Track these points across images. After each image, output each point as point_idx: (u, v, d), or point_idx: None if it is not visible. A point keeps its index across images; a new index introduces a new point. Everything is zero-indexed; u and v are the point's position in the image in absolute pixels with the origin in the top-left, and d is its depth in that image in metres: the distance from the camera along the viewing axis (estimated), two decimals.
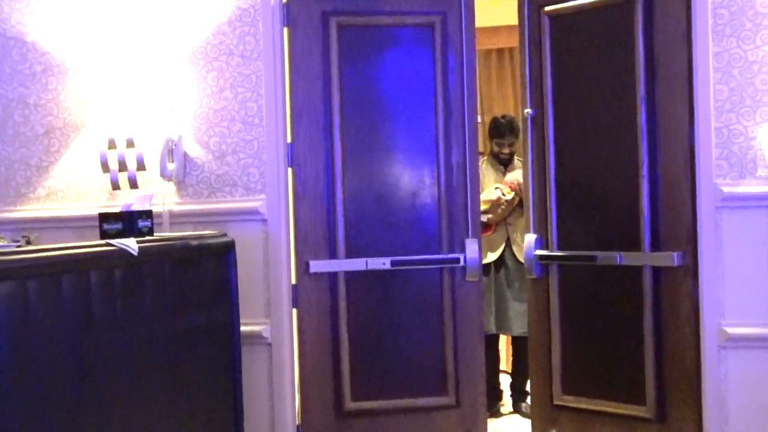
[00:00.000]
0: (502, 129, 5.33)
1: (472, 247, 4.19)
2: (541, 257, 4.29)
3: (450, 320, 4.25)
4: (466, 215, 4.22)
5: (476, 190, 4.26)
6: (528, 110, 4.30)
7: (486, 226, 5.12)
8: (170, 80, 4.19)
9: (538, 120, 4.31)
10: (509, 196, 5.18)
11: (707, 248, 3.83)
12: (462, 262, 4.20)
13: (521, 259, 4.94)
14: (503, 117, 5.40)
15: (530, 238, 4.30)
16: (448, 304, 4.25)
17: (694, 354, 3.90)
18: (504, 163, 5.38)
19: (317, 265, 4.16)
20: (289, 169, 4.17)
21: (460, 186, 4.22)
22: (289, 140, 4.18)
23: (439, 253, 4.22)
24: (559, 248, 4.27)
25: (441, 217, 4.22)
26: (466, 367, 4.25)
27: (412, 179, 4.23)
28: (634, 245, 4.02)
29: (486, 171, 5.34)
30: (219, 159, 4.17)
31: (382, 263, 4.17)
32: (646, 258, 3.99)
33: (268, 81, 4.11)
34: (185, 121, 4.19)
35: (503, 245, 5.24)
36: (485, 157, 5.45)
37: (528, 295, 4.46)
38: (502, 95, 7.89)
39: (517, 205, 5.18)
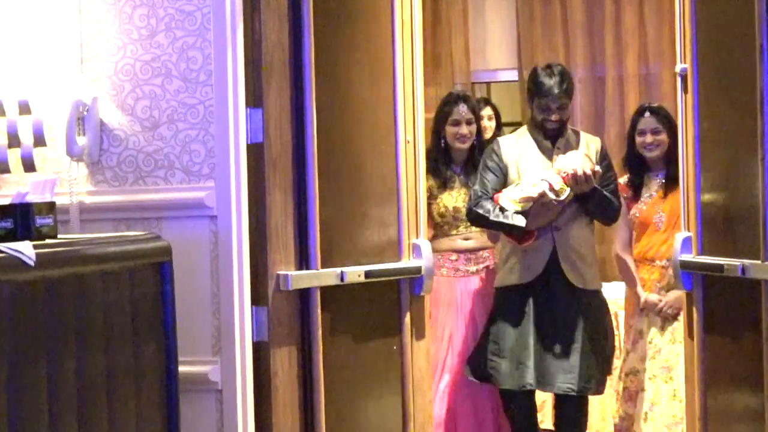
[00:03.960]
0: (548, 85, 5.07)
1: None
2: (686, 264, 4.51)
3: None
4: None
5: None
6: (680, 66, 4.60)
7: (525, 233, 4.90)
8: (80, 19, 4.19)
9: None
10: (564, 194, 4.86)
11: None
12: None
13: (577, 284, 4.97)
14: (548, 67, 5.17)
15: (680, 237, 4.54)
16: None
17: None
18: (552, 138, 5.15)
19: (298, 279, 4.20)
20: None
21: None
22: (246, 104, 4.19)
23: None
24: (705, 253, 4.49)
25: None
26: None
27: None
28: (755, 252, 4.10)
29: (525, 149, 5.14)
30: (149, 131, 4.17)
31: None
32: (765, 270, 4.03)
33: (219, 19, 4.09)
34: (102, 78, 4.20)
35: (545, 261, 5.03)
36: (522, 128, 5.30)
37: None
38: (549, 42, 7.92)
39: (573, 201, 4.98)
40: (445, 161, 5.49)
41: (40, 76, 4.11)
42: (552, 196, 4.83)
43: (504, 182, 5.06)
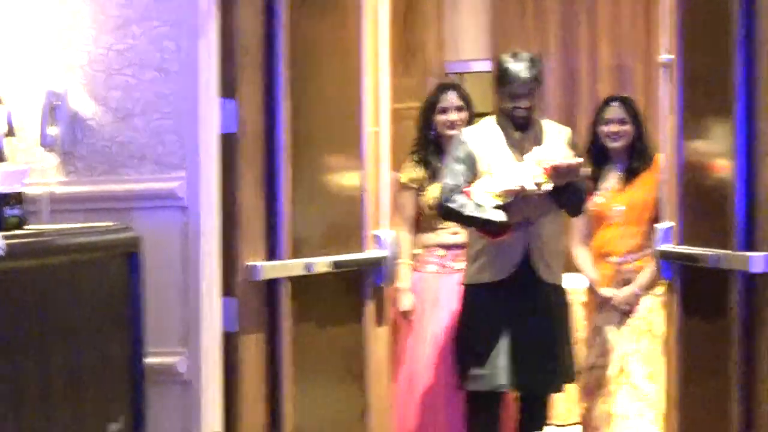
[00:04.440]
0: (515, 70, 4.80)
1: None
2: (665, 254, 4.58)
3: None
4: None
5: None
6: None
7: (499, 228, 4.66)
8: (53, 9, 4.18)
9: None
10: (547, 185, 4.61)
11: None
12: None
13: (549, 280, 4.83)
14: (515, 54, 4.87)
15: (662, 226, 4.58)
16: None
17: None
18: (521, 128, 4.87)
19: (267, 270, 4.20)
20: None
21: None
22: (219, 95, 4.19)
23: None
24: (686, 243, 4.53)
25: None
26: None
27: None
28: (721, 242, 4.17)
29: (494, 140, 4.86)
30: (122, 121, 4.15)
31: None
32: (735, 260, 4.09)
33: (194, 9, 4.07)
34: (74, 68, 4.18)
35: (520, 258, 4.80)
36: (489, 118, 5.00)
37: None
38: (523, 33, 7.93)
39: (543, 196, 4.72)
40: (435, 152, 5.32)
41: (11, 66, 4.10)
42: (534, 188, 4.58)
43: (475, 174, 4.78)
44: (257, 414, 4.24)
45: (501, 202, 4.62)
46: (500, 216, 4.60)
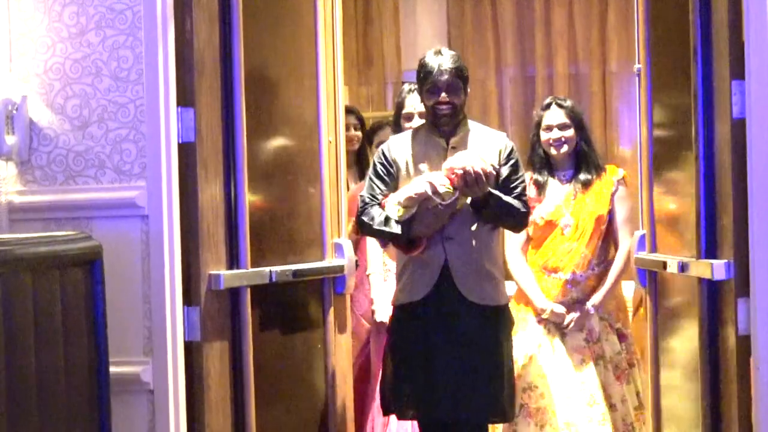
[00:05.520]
0: (433, 64, 4.46)
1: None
2: (640, 261, 4.64)
3: None
4: None
5: None
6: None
7: (411, 242, 4.34)
8: (8, 17, 4.19)
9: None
10: (451, 198, 4.20)
11: (762, 255, 3.90)
12: None
13: (472, 299, 4.35)
14: (437, 52, 4.53)
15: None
16: None
17: (743, 403, 3.99)
18: (447, 133, 4.46)
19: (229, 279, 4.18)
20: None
21: None
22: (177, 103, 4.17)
23: None
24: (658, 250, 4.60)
25: None
26: None
27: None
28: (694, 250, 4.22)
29: (418, 147, 4.51)
30: (80, 130, 4.15)
31: None
32: (700, 267, 4.15)
33: (150, 19, 4.07)
34: (31, 77, 4.20)
35: (437, 276, 4.37)
36: (418, 125, 4.70)
37: None
38: (480, 42, 8.01)
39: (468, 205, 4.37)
40: None
41: None
42: (436, 199, 4.18)
43: (396, 186, 4.46)
44: (221, 421, 4.22)
45: (404, 213, 4.28)
46: (396, 228, 4.29)
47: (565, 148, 4.94)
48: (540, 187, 4.95)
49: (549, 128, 4.96)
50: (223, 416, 4.22)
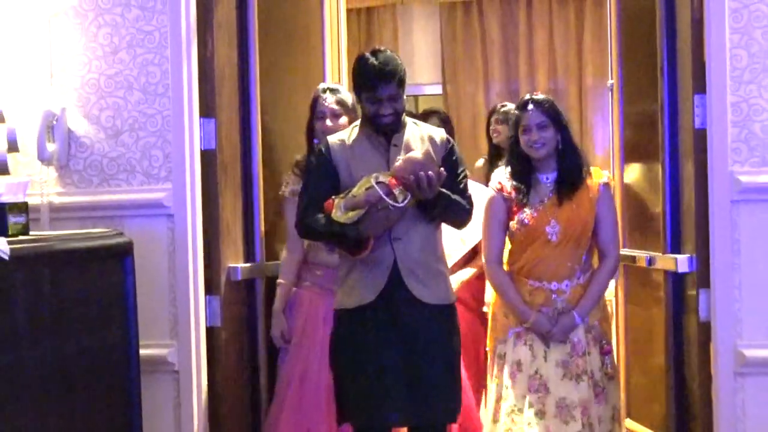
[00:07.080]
0: (373, 74, 3.89)
1: None
2: None
3: None
4: None
5: None
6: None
7: (357, 243, 3.85)
8: (50, 38, 4.26)
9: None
10: (404, 200, 3.79)
11: (721, 251, 4.01)
12: None
13: (425, 299, 3.92)
14: (373, 53, 3.94)
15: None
16: None
17: (704, 381, 4.11)
18: (386, 132, 3.98)
19: (245, 271, 4.34)
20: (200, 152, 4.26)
21: None
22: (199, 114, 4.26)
23: None
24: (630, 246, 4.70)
25: None
26: None
27: None
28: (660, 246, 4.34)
29: (357, 147, 4.00)
30: (113, 138, 4.25)
31: None
32: (665, 261, 4.29)
33: (175, 38, 4.19)
34: (69, 91, 4.27)
35: (387, 277, 3.90)
36: (355, 123, 4.13)
37: None
38: (469, 59, 8.11)
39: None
40: None
41: (13, 88, 4.18)
42: (389, 201, 3.75)
43: (336, 187, 3.92)
44: (238, 397, 4.36)
45: (353, 216, 3.78)
46: (351, 230, 3.78)
47: (545, 150, 4.26)
48: (521, 193, 4.29)
49: (527, 129, 4.26)
50: (239, 393, 4.36)
